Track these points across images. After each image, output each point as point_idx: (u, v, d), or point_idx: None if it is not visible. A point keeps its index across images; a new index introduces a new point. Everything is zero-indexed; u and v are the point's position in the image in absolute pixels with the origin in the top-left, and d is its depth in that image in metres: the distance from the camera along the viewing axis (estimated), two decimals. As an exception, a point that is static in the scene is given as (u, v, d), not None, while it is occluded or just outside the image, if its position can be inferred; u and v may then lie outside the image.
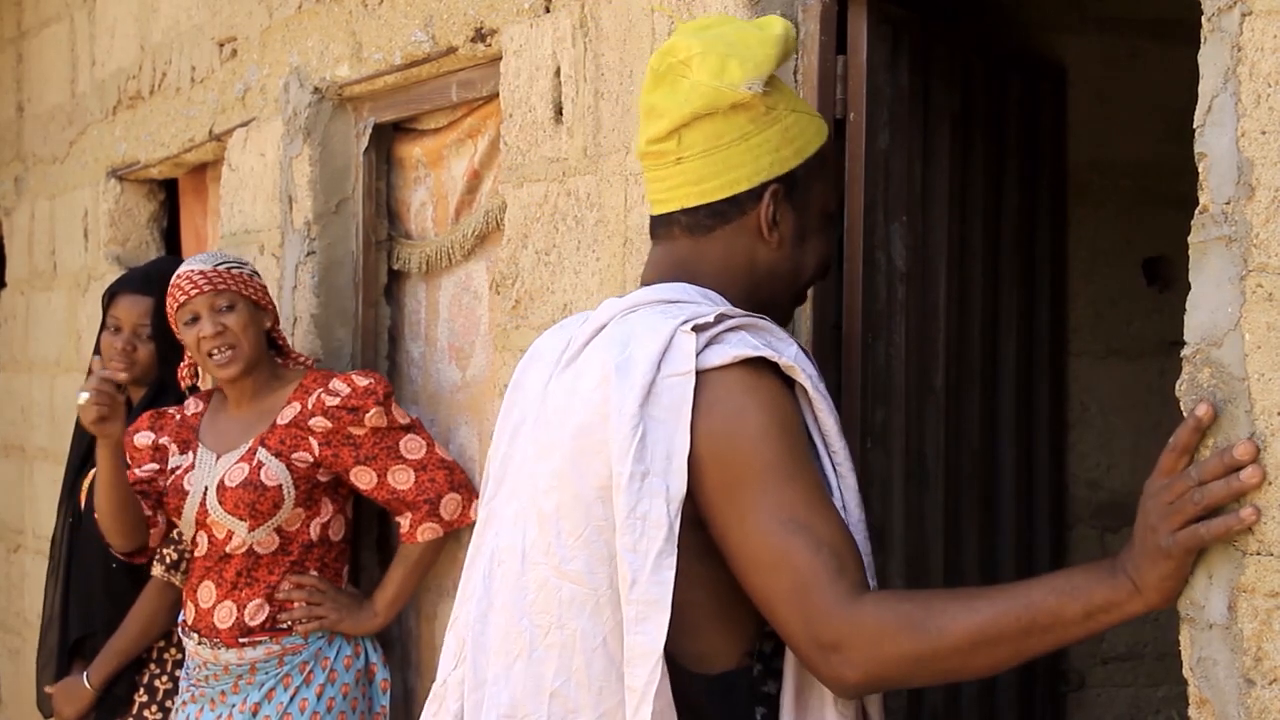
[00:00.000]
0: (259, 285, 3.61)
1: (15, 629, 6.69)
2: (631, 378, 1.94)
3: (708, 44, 2.10)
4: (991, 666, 1.85)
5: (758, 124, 2.09)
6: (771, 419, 1.94)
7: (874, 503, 2.68)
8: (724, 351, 1.95)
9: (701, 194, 2.12)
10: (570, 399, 2.02)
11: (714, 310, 2.01)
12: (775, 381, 1.97)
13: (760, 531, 1.90)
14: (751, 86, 2.06)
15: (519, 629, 2.03)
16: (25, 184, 6.72)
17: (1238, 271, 1.68)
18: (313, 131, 4.08)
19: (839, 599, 1.86)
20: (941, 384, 2.91)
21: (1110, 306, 3.56)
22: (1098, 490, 3.56)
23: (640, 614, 1.90)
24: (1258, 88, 1.67)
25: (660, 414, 1.93)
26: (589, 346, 2.06)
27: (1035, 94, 3.30)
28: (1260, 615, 1.65)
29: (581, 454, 1.98)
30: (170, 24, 5.12)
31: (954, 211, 2.95)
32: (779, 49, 2.10)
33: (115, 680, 3.89)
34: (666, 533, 1.90)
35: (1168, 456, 1.72)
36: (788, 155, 2.11)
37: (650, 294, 2.08)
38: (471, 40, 3.44)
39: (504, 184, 3.32)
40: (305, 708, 3.47)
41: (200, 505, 3.52)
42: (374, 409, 3.49)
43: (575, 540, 1.98)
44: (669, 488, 1.91)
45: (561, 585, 1.98)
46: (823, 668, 1.89)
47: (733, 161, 2.10)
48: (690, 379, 1.93)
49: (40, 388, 6.36)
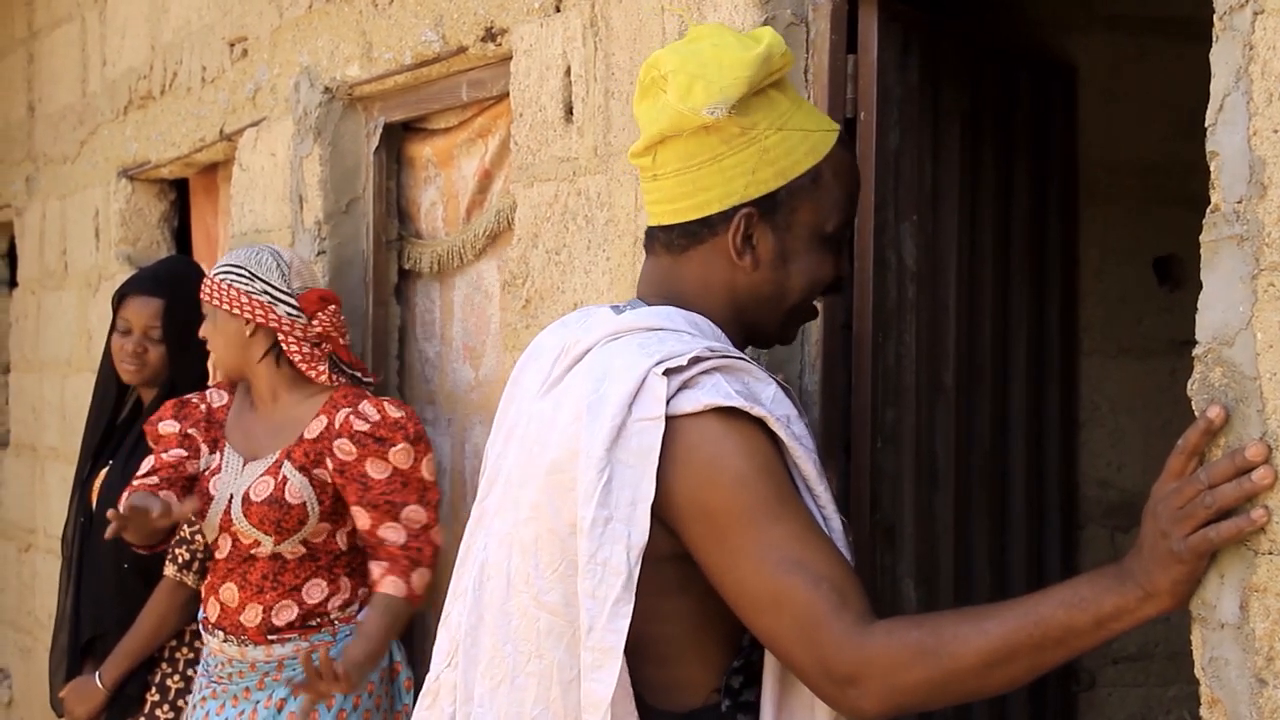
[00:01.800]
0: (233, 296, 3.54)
1: (26, 628, 6.70)
2: (601, 419, 1.92)
3: (681, 62, 2.06)
4: (1009, 683, 1.84)
5: (731, 145, 2.05)
6: (749, 463, 1.91)
7: (884, 502, 2.68)
8: (696, 398, 1.92)
9: (675, 213, 2.10)
10: (547, 431, 2.01)
11: (688, 352, 1.96)
12: (750, 427, 1.94)
13: (756, 574, 1.89)
14: (714, 111, 2.02)
15: (503, 654, 2.03)
16: (36, 184, 6.73)
17: (1249, 270, 1.68)
18: (323, 131, 4.08)
19: (847, 632, 1.85)
20: (952, 383, 2.91)
21: (1121, 305, 3.55)
22: (1108, 489, 3.56)
23: (595, 661, 1.90)
24: (1270, 86, 1.67)
25: (628, 458, 1.91)
26: (570, 374, 2.04)
27: (1046, 93, 3.30)
28: (1272, 615, 1.65)
29: (555, 490, 1.97)
30: (181, 24, 5.13)
31: (964, 211, 2.95)
32: (753, 70, 2.03)
33: (127, 680, 3.89)
34: (625, 580, 1.89)
35: (1176, 458, 1.71)
36: (766, 177, 2.06)
37: (636, 320, 2.05)
38: (482, 40, 3.44)
39: (514, 183, 3.32)
40: (332, 705, 3.47)
41: (225, 512, 3.51)
42: (401, 445, 3.46)
43: (552, 574, 1.98)
44: (630, 535, 1.89)
45: (540, 615, 1.99)
46: (840, 701, 1.88)
47: (703, 183, 2.06)
48: (660, 425, 1.91)
49: (51, 387, 6.37)
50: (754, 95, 2.05)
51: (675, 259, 2.11)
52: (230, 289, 3.55)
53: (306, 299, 3.57)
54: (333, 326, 3.58)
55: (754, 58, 2.04)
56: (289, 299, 3.55)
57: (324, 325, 3.57)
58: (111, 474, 4.01)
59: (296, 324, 3.55)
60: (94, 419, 4.28)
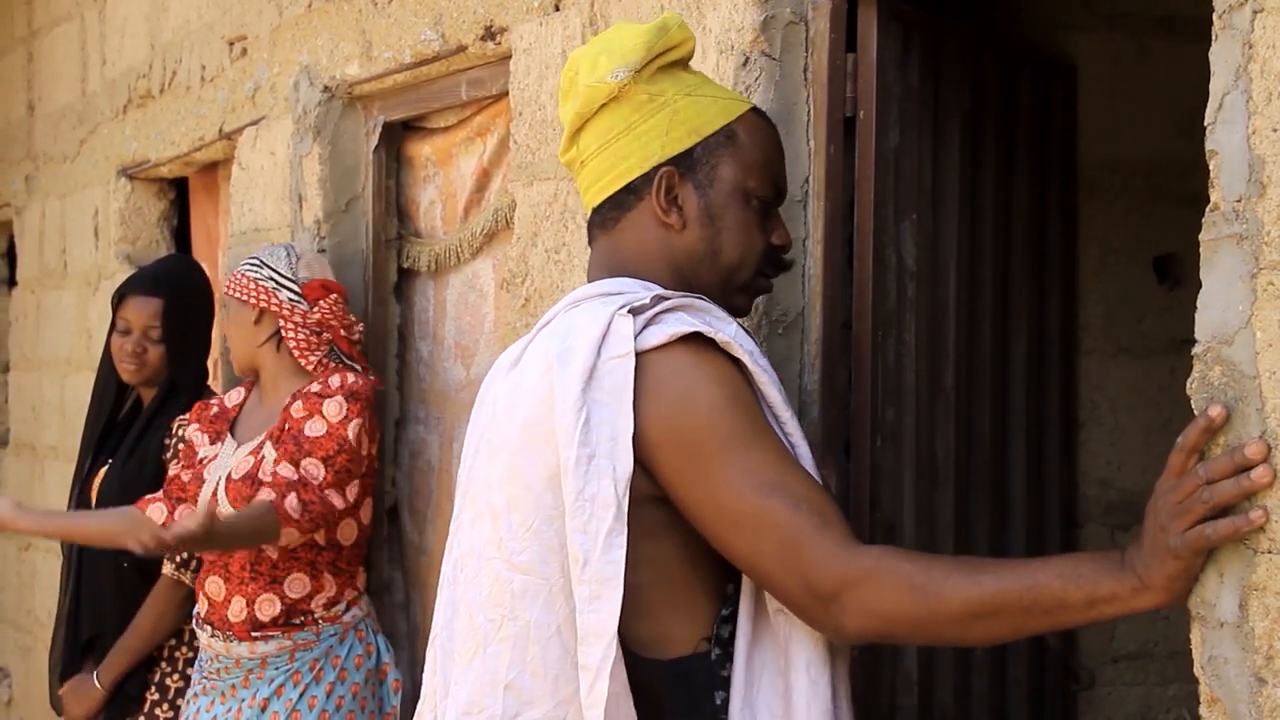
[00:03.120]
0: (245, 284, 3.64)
1: (26, 627, 6.70)
2: (573, 364, 1.97)
3: (589, 47, 2.19)
4: (988, 639, 1.89)
5: (641, 112, 2.15)
6: (721, 391, 1.96)
7: (884, 501, 2.68)
8: (662, 330, 1.98)
9: (601, 190, 2.18)
10: (516, 395, 2.06)
11: (650, 293, 2.04)
12: (718, 356, 2.00)
13: (735, 499, 1.92)
14: (616, 75, 2.12)
15: (474, 625, 2.05)
16: (36, 183, 6.73)
17: (1249, 269, 1.68)
18: (322, 130, 4.08)
19: (833, 549, 1.89)
20: (952, 382, 2.91)
21: (1121, 304, 3.55)
22: (1108, 488, 3.56)
23: (593, 593, 1.92)
24: (1269, 85, 1.66)
25: (603, 397, 1.95)
26: (532, 343, 2.10)
27: (1045, 92, 3.30)
28: (1271, 614, 1.65)
29: (529, 445, 2.00)
30: (180, 23, 5.13)
31: (964, 210, 2.95)
32: (649, 37, 2.14)
33: (126, 679, 3.89)
34: (615, 512, 1.92)
35: (1177, 456, 1.72)
36: (680, 135, 2.15)
37: (592, 289, 2.13)
38: (481, 39, 3.44)
39: (513, 182, 3.32)
40: (314, 705, 3.48)
41: (213, 495, 3.53)
42: (336, 398, 3.47)
43: (525, 531, 2.00)
44: (615, 468, 1.93)
45: (513, 578, 2.00)
46: (822, 618, 1.92)
47: (622, 152, 2.15)
48: (630, 360, 1.96)
49: (51, 386, 6.37)
50: (661, 69, 2.17)
51: (611, 234, 2.19)
52: (243, 277, 3.66)
53: (309, 286, 3.64)
54: (333, 315, 3.63)
55: (650, 27, 2.16)
56: (292, 285, 3.62)
57: (324, 313, 3.62)
58: (111, 473, 4.01)
59: (297, 309, 3.61)
60: (93, 418, 4.28)
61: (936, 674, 2.86)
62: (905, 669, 2.78)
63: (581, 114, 2.17)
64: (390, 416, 4.04)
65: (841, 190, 2.61)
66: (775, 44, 2.60)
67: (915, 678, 2.79)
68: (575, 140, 2.21)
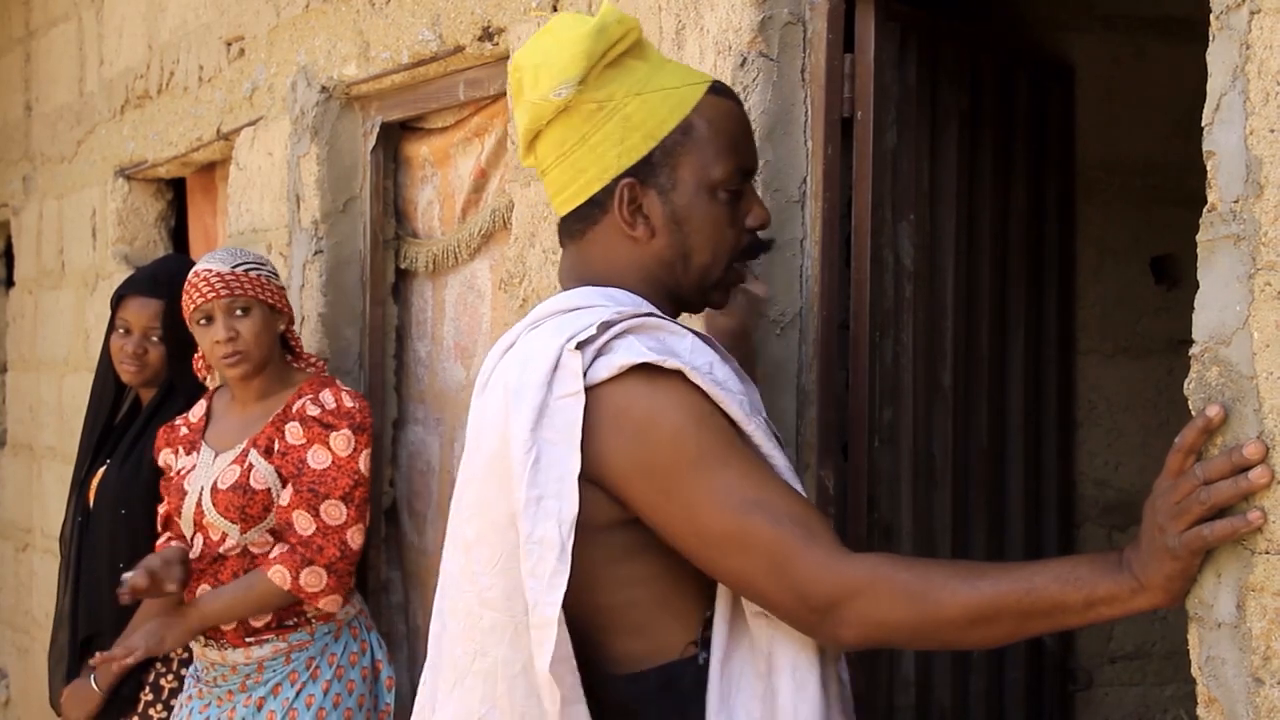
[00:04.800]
0: (275, 288, 3.60)
1: (24, 628, 6.70)
2: (523, 402, 1.94)
3: (527, 56, 2.11)
4: (987, 643, 1.88)
5: (592, 122, 2.08)
6: (683, 415, 1.92)
7: (882, 501, 2.68)
8: (610, 362, 1.93)
9: (564, 202, 2.13)
10: (481, 425, 2.04)
11: (596, 321, 1.97)
12: (674, 380, 1.94)
13: (715, 520, 1.89)
14: (559, 93, 2.06)
15: (455, 656, 2.05)
16: (33, 183, 6.72)
17: (1246, 270, 1.68)
18: (320, 130, 4.08)
19: (823, 560, 1.87)
20: (949, 382, 2.91)
21: (1118, 305, 3.55)
22: (1106, 489, 3.56)
23: (540, 637, 1.91)
24: (1266, 85, 1.66)
25: (553, 435, 1.92)
26: (496, 369, 2.06)
27: (1043, 92, 3.30)
28: (1269, 614, 1.65)
29: (491, 480, 1.99)
30: (178, 23, 5.13)
31: (962, 210, 2.95)
32: (588, 44, 2.05)
33: (122, 681, 3.89)
34: (558, 553, 1.89)
35: (1175, 457, 1.72)
36: (635, 143, 2.07)
37: (554, 304, 2.08)
38: (479, 39, 3.44)
39: (511, 183, 3.32)
40: (311, 703, 3.48)
41: (197, 506, 3.53)
42: (344, 430, 3.48)
43: (492, 568, 1.98)
44: (561, 509, 1.90)
45: (483, 614, 1.99)
46: (819, 630, 1.90)
47: (580, 165, 2.09)
48: (579, 399, 1.92)
49: (49, 386, 6.37)
50: (607, 68, 2.09)
51: (579, 245, 2.14)
52: (270, 283, 3.60)
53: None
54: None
55: (586, 33, 2.07)
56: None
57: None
58: (109, 473, 4.01)
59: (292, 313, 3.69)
60: (92, 418, 4.27)
61: (934, 675, 2.86)
62: (903, 670, 2.78)
63: (531, 128, 2.12)
64: (388, 417, 4.04)
65: (839, 191, 2.61)
66: (773, 44, 2.59)
67: (913, 678, 2.79)
68: (533, 149, 2.15)
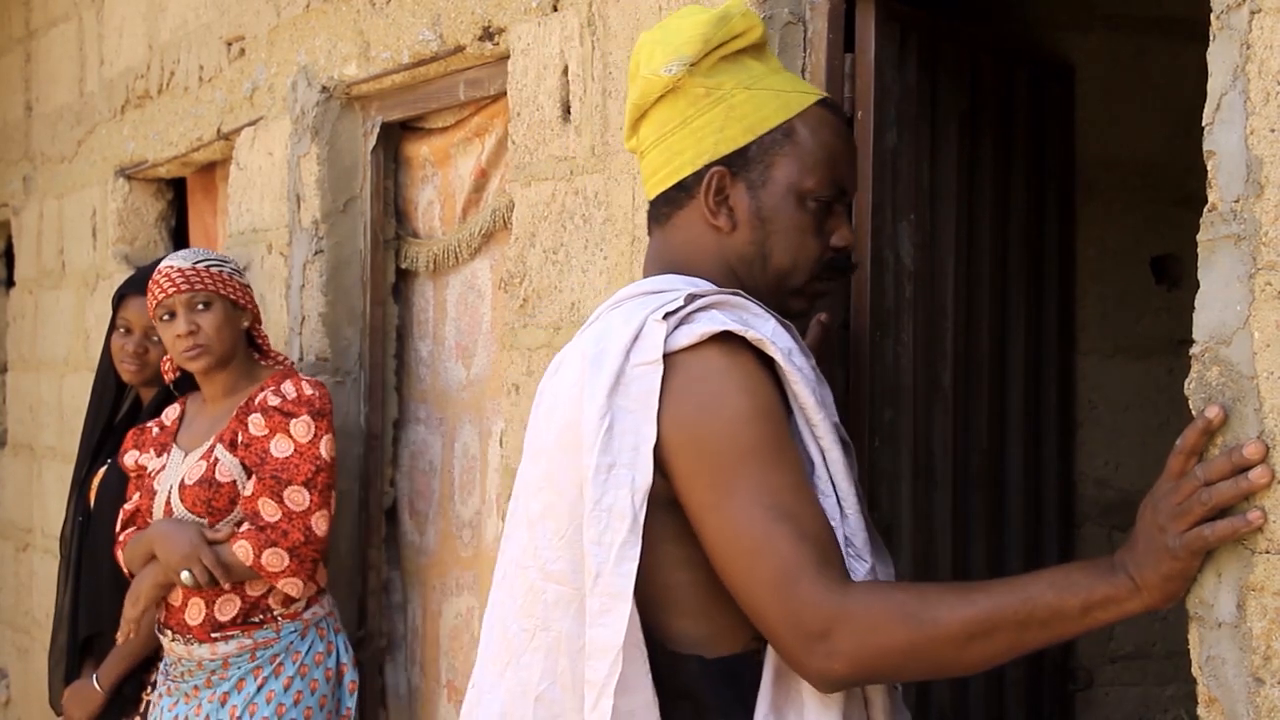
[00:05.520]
0: (238, 284, 3.66)
1: (24, 628, 6.70)
2: (602, 369, 1.92)
3: (649, 35, 2.12)
4: (986, 660, 1.82)
5: (698, 106, 2.07)
6: (750, 402, 1.90)
7: (882, 501, 2.68)
8: (692, 330, 1.92)
9: (657, 184, 2.12)
10: (555, 399, 2.02)
11: (684, 293, 1.97)
12: (750, 359, 1.93)
13: (742, 517, 1.86)
14: (670, 69, 2.05)
15: (509, 635, 2.02)
16: (33, 183, 6.72)
17: (1246, 269, 1.68)
18: (320, 130, 4.08)
19: (827, 587, 1.83)
20: (949, 382, 2.91)
21: (1118, 305, 3.55)
22: (1106, 489, 3.56)
23: (603, 606, 1.88)
24: (1266, 85, 1.66)
25: (628, 404, 1.90)
26: (571, 344, 2.06)
27: (1043, 92, 3.30)
28: (1269, 614, 1.65)
29: (563, 450, 1.96)
30: (178, 23, 5.13)
31: (962, 210, 2.95)
32: (707, 29, 2.06)
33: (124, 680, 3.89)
34: (630, 524, 1.87)
35: (1176, 458, 1.71)
36: (735, 134, 2.06)
37: (635, 288, 2.07)
38: (479, 39, 3.44)
39: (511, 183, 3.32)
40: (272, 698, 3.49)
41: (166, 504, 3.55)
42: (303, 417, 3.49)
43: (559, 540, 1.95)
44: (634, 479, 1.88)
45: (546, 587, 1.97)
46: (806, 658, 1.84)
47: (677, 148, 2.08)
48: (658, 368, 1.90)
49: (49, 386, 6.37)
50: (723, 60, 2.08)
51: (664, 230, 2.13)
52: (232, 279, 3.65)
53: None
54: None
55: (708, 18, 2.08)
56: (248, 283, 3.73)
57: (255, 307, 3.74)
58: (109, 473, 4.01)
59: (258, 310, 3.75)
60: (92, 418, 4.28)
61: (934, 674, 2.86)
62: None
63: (638, 105, 2.11)
64: (389, 417, 4.04)
65: (839, 190, 2.60)
66: (773, 44, 2.59)
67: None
68: (635, 130, 2.14)
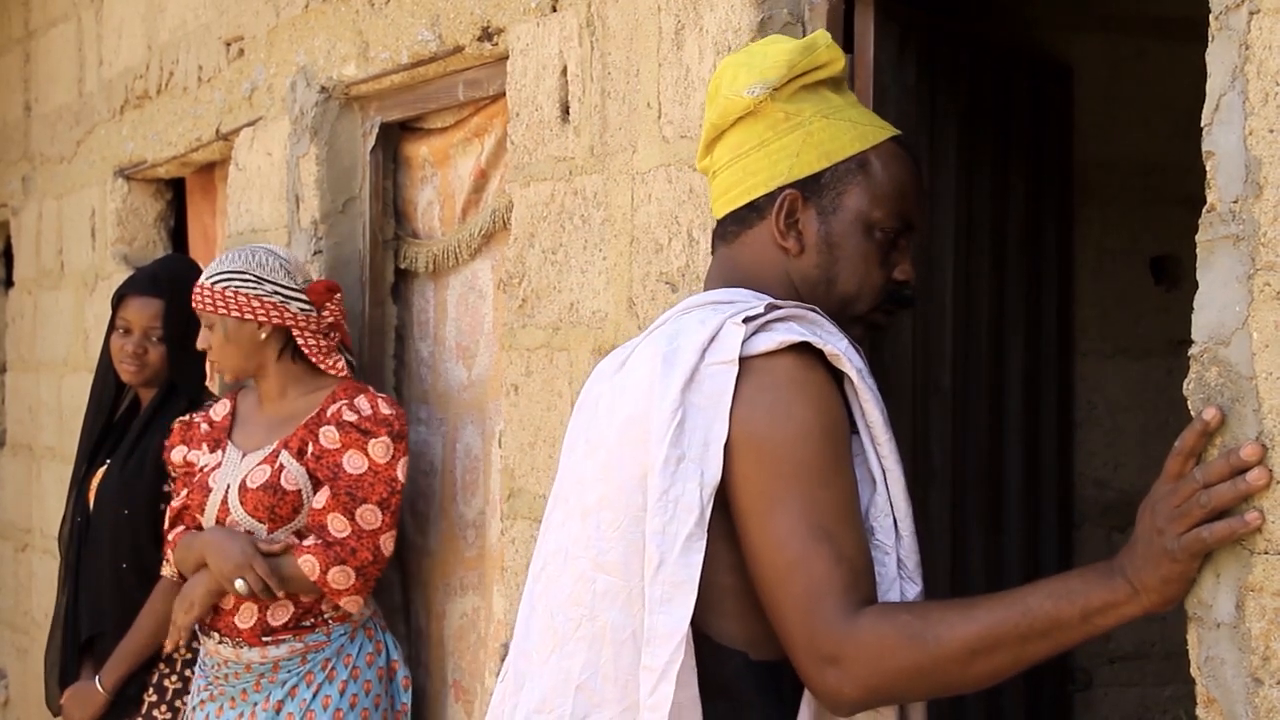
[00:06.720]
0: (245, 300, 3.56)
1: (23, 628, 6.70)
2: (676, 366, 1.94)
3: (733, 58, 2.16)
4: (991, 675, 1.83)
5: (776, 130, 2.11)
6: (817, 417, 1.93)
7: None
8: (771, 338, 1.94)
9: (728, 203, 2.15)
10: (619, 396, 2.03)
11: (763, 302, 2.00)
12: (823, 374, 1.96)
13: (784, 530, 1.89)
14: (752, 91, 2.09)
15: (554, 625, 2.03)
16: (32, 183, 6.72)
17: (1245, 270, 1.68)
18: (319, 131, 4.08)
19: (845, 613, 1.85)
20: (948, 383, 2.91)
21: (1117, 305, 3.55)
22: (1105, 489, 3.56)
23: (665, 595, 1.89)
24: (1265, 86, 1.67)
25: (701, 401, 1.92)
26: (639, 346, 2.07)
27: (1042, 93, 3.30)
28: (1268, 614, 1.65)
29: (626, 443, 1.98)
30: (177, 23, 5.13)
31: (960, 210, 2.95)
32: (793, 56, 2.10)
33: (126, 681, 3.89)
34: (698, 517, 1.89)
35: (1174, 460, 1.71)
36: (810, 159, 2.10)
37: (705, 296, 2.10)
38: (478, 39, 3.44)
39: (511, 183, 3.32)
40: (329, 704, 3.47)
41: (222, 503, 3.52)
42: (383, 438, 3.49)
43: (614, 531, 1.97)
44: (703, 473, 1.90)
45: (596, 577, 1.98)
46: (818, 680, 1.87)
47: (751, 168, 2.11)
48: (733, 368, 1.92)
49: (48, 387, 6.37)
50: (804, 88, 2.12)
51: (730, 248, 2.15)
52: (238, 295, 3.58)
53: (314, 291, 3.63)
54: (341, 314, 3.67)
55: (794, 46, 2.12)
56: (300, 295, 3.61)
57: (334, 314, 3.64)
58: (109, 473, 4.01)
59: (310, 319, 3.62)
60: (91, 418, 4.28)
61: (933, 674, 2.86)
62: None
63: (717, 125, 2.14)
64: (387, 417, 4.04)
65: (838, 191, 2.60)
66: (772, 45, 2.59)
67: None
68: (710, 150, 2.18)
